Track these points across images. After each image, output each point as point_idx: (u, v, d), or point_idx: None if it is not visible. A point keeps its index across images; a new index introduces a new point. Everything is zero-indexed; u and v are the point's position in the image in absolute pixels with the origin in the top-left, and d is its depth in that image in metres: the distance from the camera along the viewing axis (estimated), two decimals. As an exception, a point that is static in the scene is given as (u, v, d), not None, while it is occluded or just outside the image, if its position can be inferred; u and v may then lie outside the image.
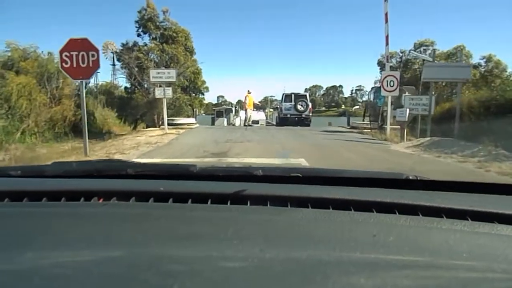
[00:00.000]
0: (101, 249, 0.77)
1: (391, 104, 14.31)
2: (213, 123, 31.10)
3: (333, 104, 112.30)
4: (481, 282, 0.67)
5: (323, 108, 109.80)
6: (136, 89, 25.47)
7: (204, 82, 29.33)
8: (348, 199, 0.99)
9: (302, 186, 1.12)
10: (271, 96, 58.73)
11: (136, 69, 25.47)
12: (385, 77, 13.59)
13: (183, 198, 1.03)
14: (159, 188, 1.08)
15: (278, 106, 24.71)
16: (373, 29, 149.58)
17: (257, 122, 27.76)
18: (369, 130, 15.94)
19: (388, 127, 13.53)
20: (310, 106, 21.89)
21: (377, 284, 0.62)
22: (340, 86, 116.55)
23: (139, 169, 1.34)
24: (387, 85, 13.63)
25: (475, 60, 26.99)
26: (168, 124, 18.05)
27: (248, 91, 20.04)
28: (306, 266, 0.69)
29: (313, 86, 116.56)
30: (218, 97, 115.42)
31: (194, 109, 23.12)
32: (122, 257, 0.74)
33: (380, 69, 29.99)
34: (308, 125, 20.06)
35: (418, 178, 1.20)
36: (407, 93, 13.99)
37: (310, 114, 21.57)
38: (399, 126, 14.21)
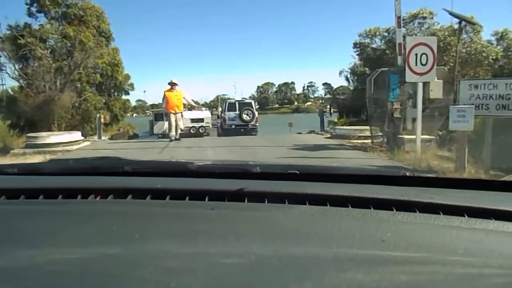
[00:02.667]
0: (98, 246, 0.75)
1: (409, 98, 7.64)
2: (151, 129, 25.75)
3: (286, 101, 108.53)
4: (478, 278, 0.67)
5: (276, 106, 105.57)
6: (24, 86, 17.00)
7: (127, 76, 21.38)
8: (345, 196, 0.97)
9: (300, 183, 1.09)
10: (223, 94, 52.13)
11: (24, 60, 16.90)
12: (413, 48, 6.60)
13: (180, 195, 1.00)
14: (156, 185, 1.04)
15: (220, 115, 21.91)
16: (325, 21, 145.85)
17: (201, 120, 24.51)
18: (369, 142, 9.01)
19: (418, 139, 6.61)
20: (257, 115, 19.56)
21: (375, 280, 0.62)
22: (292, 82, 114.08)
23: (136, 167, 1.31)
24: (417, 63, 6.58)
25: (485, 36, 19.89)
26: (29, 146, 9.84)
27: (170, 83, 11.40)
28: (303, 263, 0.68)
29: (265, 83, 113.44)
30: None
31: (98, 115, 14.76)
32: (119, 254, 0.73)
33: (359, 53, 22.97)
34: (255, 135, 18.00)
35: (416, 175, 1.20)
36: (436, 79, 7.23)
37: (257, 124, 19.44)
38: (432, 137, 7.23)
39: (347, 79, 27.86)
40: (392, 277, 0.64)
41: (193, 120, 26.97)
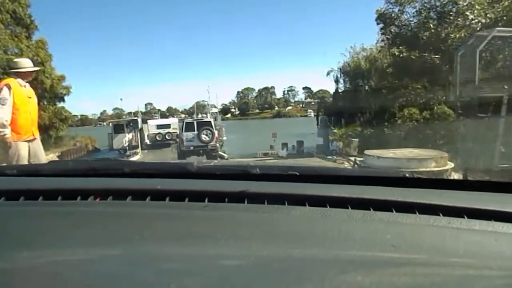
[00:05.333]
0: (97, 248, 0.74)
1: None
2: (111, 143, 22.80)
3: (266, 106, 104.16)
4: (478, 280, 0.67)
5: (257, 111, 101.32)
6: None
7: (61, 78, 15.73)
8: (345, 197, 0.95)
9: (300, 184, 1.07)
10: (202, 100, 46.91)
11: None
12: None
13: (180, 197, 0.97)
14: (156, 187, 1.02)
15: (179, 135, 19.94)
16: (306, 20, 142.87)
17: (167, 126, 24.01)
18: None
19: None
20: (217, 134, 18.27)
21: (374, 282, 0.61)
22: (272, 87, 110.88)
23: (136, 168, 1.29)
24: None
25: None
26: None
27: (13, 68, 4.61)
28: (303, 264, 0.68)
29: (245, 88, 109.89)
30: (146, 105, 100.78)
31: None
32: (119, 256, 0.72)
33: (382, 27, 17.19)
34: (216, 158, 16.85)
35: (416, 176, 1.19)
36: None
37: (217, 144, 18.23)
38: None
39: (336, 80, 22.91)
40: (392, 279, 0.64)
41: (159, 127, 25.13)
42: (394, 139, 12.83)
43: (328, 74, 23.95)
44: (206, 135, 17.30)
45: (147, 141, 23.82)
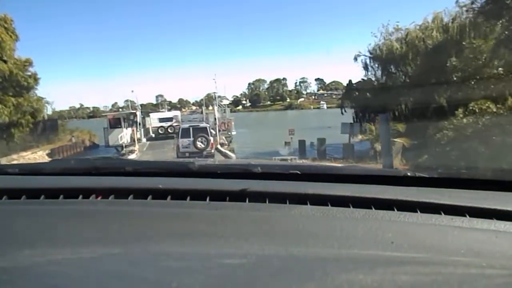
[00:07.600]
0: (99, 246, 0.75)
1: None
2: (106, 139, 20.66)
3: (278, 97, 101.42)
4: (479, 278, 0.66)
5: (268, 103, 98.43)
6: None
7: (26, 63, 12.47)
8: (346, 196, 0.95)
9: (301, 183, 1.07)
10: (213, 92, 43.21)
11: None
12: None
13: (181, 196, 0.98)
14: (158, 186, 1.03)
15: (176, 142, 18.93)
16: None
17: (169, 119, 24.10)
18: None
19: None
20: (212, 140, 17.40)
21: (376, 280, 0.61)
22: (284, 78, 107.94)
23: (137, 167, 1.29)
24: None
25: None
26: None
27: None
28: (305, 263, 0.68)
29: (256, 80, 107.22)
30: (157, 97, 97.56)
31: None
32: (121, 254, 0.73)
33: None
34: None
35: (417, 175, 1.17)
36: None
37: (213, 151, 17.47)
38: None
39: (365, 66, 19.11)
40: (393, 278, 0.64)
41: (161, 120, 25.09)
42: (458, 141, 9.10)
43: (355, 59, 20.27)
44: (202, 142, 16.95)
45: (152, 135, 23.65)
